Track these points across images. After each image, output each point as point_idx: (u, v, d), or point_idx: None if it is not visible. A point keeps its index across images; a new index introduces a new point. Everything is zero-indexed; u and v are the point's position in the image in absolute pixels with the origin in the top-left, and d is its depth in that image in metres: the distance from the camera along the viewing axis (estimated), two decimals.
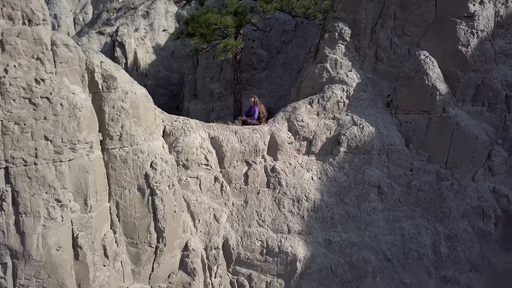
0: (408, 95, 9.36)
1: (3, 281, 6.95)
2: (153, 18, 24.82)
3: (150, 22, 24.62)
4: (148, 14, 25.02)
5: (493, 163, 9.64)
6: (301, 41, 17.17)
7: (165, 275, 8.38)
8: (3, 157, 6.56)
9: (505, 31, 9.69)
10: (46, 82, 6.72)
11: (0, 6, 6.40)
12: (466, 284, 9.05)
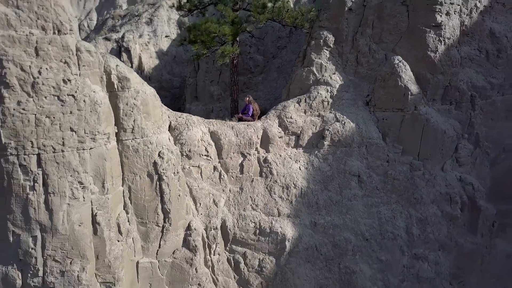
0: (384, 95, 10.56)
1: (33, 252, 8.09)
2: (156, 25, 26.05)
3: (153, 29, 25.85)
4: (151, 21, 26.25)
5: (460, 155, 10.84)
6: (295, 46, 18.39)
7: (170, 251, 9.54)
8: (36, 145, 7.74)
9: (470, 38, 10.91)
10: (72, 82, 7.91)
11: (35, 18, 7.60)
12: (434, 261, 10.22)
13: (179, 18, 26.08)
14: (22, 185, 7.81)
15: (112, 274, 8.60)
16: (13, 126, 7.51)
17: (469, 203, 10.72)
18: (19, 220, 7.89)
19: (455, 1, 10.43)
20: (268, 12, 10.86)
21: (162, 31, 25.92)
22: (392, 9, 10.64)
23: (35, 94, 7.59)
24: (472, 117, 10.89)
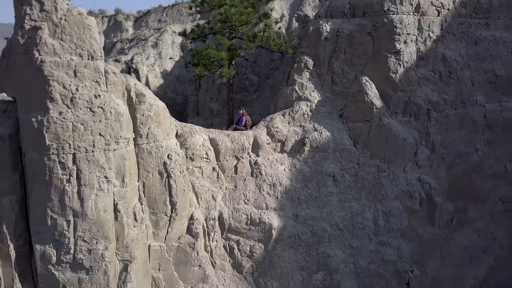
0: (354, 108, 12.55)
1: (66, 233, 9.90)
2: (161, 48, 28.39)
3: (158, 51, 28.16)
4: (157, 45, 28.60)
5: (418, 159, 12.78)
6: (286, 68, 20.51)
7: (176, 237, 11.35)
8: (72, 147, 9.67)
9: (425, 62, 12.98)
10: (101, 97, 9.91)
11: (74, 48, 9.65)
12: (396, 247, 12.05)
13: (182, 41, 28.45)
14: (60, 178, 9.69)
15: (129, 253, 10.42)
16: (55, 131, 9.47)
17: (426, 199, 12.62)
18: (56, 207, 9.75)
19: (411, 31, 12.56)
20: (258, 41, 12.99)
21: (166, 53, 28.27)
22: (360, 38, 12.76)
23: (73, 106, 9.57)
24: (428, 127, 12.89)
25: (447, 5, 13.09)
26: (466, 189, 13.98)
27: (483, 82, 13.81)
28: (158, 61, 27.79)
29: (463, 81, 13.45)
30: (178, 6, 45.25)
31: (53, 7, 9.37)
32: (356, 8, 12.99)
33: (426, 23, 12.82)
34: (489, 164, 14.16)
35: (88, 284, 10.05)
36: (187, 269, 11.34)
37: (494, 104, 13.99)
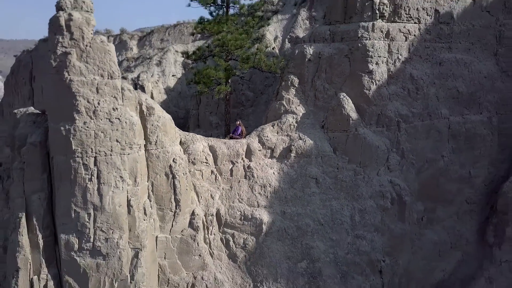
0: (334, 120, 14.39)
1: (87, 224, 11.57)
2: (165, 66, 30.48)
3: (162, 69, 30.24)
4: (160, 63, 30.68)
5: (390, 164, 14.56)
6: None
7: (180, 229, 13.01)
8: (94, 151, 11.45)
9: (395, 80, 14.86)
10: (118, 110, 11.74)
11: (97, 69, 11.53)
12: (370, 239, 13.72)
13: (184, 60, 30.52)
14: (83, 178, 11.43)
15: (140, 242, 12.08)
16: (80, 138, 11.27)
17: (397, 198, 14.35)
18: (79, 202, 11.46)
19: (382, 54, 14.50)
20: (250, 63, 14.92)
21: (169, 71, 30.36)
22: (338, 60, 14.68)
23: (95, 117, 11.40)
24: (398, 136, 14.70)
25: (413, 31, 15.08)
26: (434, 191, 15.73)
27: (447, 97, 15.70)
28: (162, 78, 29.80)
29: (429, 97, 15.34)
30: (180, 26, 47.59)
31: (80, 36, 11.29)
32: (335, 34, 14.97)
33: (395, 47, 14.79)
34: (455, 169, 15.95)
35: (105, 269, 11.71)
36: (189, 258, 13.00)
37: (457, 117, 15.84)
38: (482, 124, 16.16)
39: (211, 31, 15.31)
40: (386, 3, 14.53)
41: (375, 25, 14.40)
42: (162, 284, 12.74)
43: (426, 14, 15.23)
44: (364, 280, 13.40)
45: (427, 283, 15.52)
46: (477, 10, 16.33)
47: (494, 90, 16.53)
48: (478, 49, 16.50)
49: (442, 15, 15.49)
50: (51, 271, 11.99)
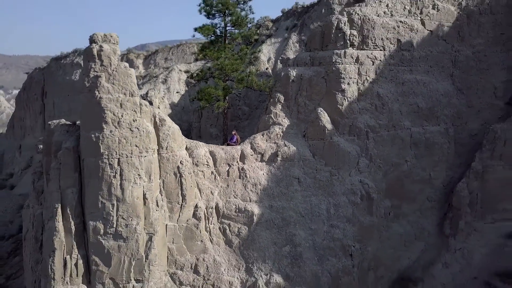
0: (313, 130, 17.11)
1: (111, 213, 14.07)
2: (170, 84, 33.37)
3: (167, 86, 33.13)
4: (166, 81, 33.60)
5: (360, 167, 17.24)
6: None
7: (185, 219, 15.56)
8: (118, 154, 14.08)
9: (364, 97, 17.61)
10: (137, 121, 14.46)
11: (121, 88, 14.28)
12: (343, 228, 16.28)
13: (187, 78, 33.46)
14: (108, 175, 14.04)
15: (153, 228, 14.62)
16: (107, 143, 13.95)
17: (366, 195, 16.96)
18: (105, 195, 14.08)
19: (352, 76, 17.29)
20: (244, 83, 17.77)
21: (174, 88, 33.27)
22: (317, 81, 17.47)
23: (119, 127, 14.11)
24: (367, 144, 17.40)
25: (379, 57, 17.93)
26: (399, 191, 18.35)
27: (409, 111, 18.45)
28: (167, 95, 32.63)
29: (393, 111, 18.08)
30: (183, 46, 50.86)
31: (108, 63, 14.11)
32: (314, 60, 17.81)
33: (364, 70, 17.62)
34: (417, 172, 18.61)
35: (125, 249, 14.24)
36: (193, 243, 15.53)
37: (418, 128, 18.56)
38: (439, 134, 18.89)
39: (211, 57, 18.17)
40: (355, 35, 17.44)
41: (346, 52, 17.26)
42: (171, 264, 15.28)
43: (389, 43, 18.13)
44: (337, 262, 15.93)
45: (394, 268, 18.00)
46: (434, 39, 19.23)
47: (450, 105, 19.31)
48: (436, 71, 19.34)
49: (404, 44, 18.38)
50: (80, 252, 14.49)
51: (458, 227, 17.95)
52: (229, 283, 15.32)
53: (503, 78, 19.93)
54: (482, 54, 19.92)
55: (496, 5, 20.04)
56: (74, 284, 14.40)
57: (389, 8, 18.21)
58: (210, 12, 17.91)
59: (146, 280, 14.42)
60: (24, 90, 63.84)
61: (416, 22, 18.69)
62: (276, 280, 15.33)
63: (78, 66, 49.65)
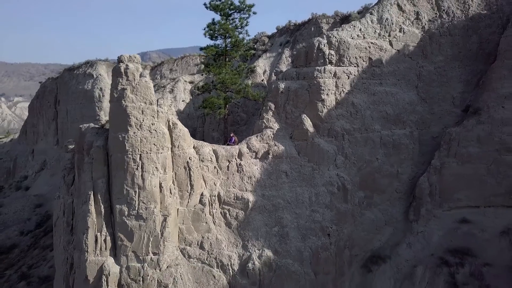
0: (298, 133, 20.22)
1: (134, 198, 17.31)
2: (176, 93, 36.63)
3: (174, 95, 36.38)
4: (173, 91, 36.87)
5: (337, 163, 20.45)
6: None
7: (193, 205, 18.69)
8: (139, 150, 17.29)
9: (341, 105, 20.84)
10: (155, 124, 17.68)
11: (142, 98, 17.57)
12: (322, 213, 19.45)
13: (191, 88, 36.79)
14: (132, 168, 17.19)
15: (167, 211, 17.73)
16: (131, 142, 17.16)
17: (342, 186, 20.17)
18: (129, 183, 17.26)
19: (331, 88, 20.56)
20: (241, 94, 21.07)
21: (180, 97, 36.54)
22: (301, 92, 20.69)
23: (141, 129, 17.35)
24: (343, 144, 20.63)
25: (353, 72, 21.24)
26: (371, 183, 21.53)
27: (379, 117, 21.69)
28: (174, 103, 35.87)
29: (366, 117, 21.33)
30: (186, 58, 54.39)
31: (132, 78, 17.39)
32: (299, 75, 21.12)
33: (340, 83, 20.94)
34: (386, 168, 21.80)
35: (144, 228, 17.38)
36: (199, 224, 18.68)
37: (387, 131, 21.79)
38: (405, 136, 22.13)
39: (214, 72, 21.51)
40: (333, 54, 20.79)
41: (326, 69, 20.59)
42: (181, 241, 18.43)
43: (362, 60, 21.46)
44: (317, 240, 19.09)
45: (367, 248, 21.08)
46: (401, 57, 22.56)
47: (415, 112, 22.57)
48: (402, 83, 22.63)
49: (374, 61, 21.70)
50: (108, 230, 17.57)
51: (420, 214, 21.09)
52: (228, 256, 18.47)
53: (460, 89, 23.20)
54: (443, 69, 23.21)
55: (454, 28, 23.39)
56: (103, 256, 17.49)
57: (361, 32, 21.59)
58: (213, 35, 21.30)
59: (161, 253, 17.52)
60: (37, 98, 67.24)
61: (385, 43, 22.05)
62: (267, 254, 18.49)
63: (90, 76, 53.08)
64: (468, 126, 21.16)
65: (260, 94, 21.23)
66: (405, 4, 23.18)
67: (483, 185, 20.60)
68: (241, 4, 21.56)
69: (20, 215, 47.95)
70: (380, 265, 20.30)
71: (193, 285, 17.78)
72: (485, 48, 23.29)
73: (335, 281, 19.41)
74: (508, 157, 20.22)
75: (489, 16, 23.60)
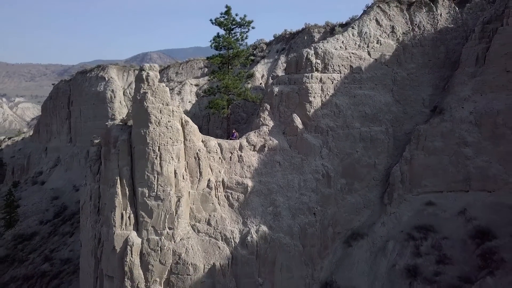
0: (289, 129, 23.64)
1: (153, 181, 20.79)
2: (183, 95, 40.03)
3: (181, 97, 39.77)
4: (180, 92, 40.27)
5: (322, 155, 23.95)
6: None
7: (202, 188, 22.03)
8: (158, 142, 20.74)
9: (326, 106, 24.13)
10: (171, 122, 21.02)
11: (160, 100, 21.00)
12: (309, 196, 22.87)
13: (197, 90, 40.21)
14: (152, 157, 20.45)
15: (181, 193, 21.12)
16: (151, 136, 20.51)
17: (326, 174, 23.60)
18: (149, 170, 20.59)
19: (317, 92, 24.00)
20: (242, 96, 24.53)
21: (187, 98, 39.94)
22: (292, 95, 24.13)
23: (159, 125, 20.75)
24: (327, 139, 24.05)
25: (336, 78, 24.67)
26: (352, 172, 24.96)
27: (359, 116, 25.11)
28: (181, 104, 39.20)
29: (347, 116, 24.76)
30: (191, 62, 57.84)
31: (152, 83, 20.81)
32: (291, 80, 24.55)
33: (325, 87, 24.37)
34: (365, 160, 25.22)
35: (162, 207, 20.76)
36: (206, 204, 22.08)
37: (366, 128, 25.22)
38: (381, 132, 25.56)
39: (219, 78, 24.99)
40: (319, 63, 24.24)
41: (313, 75, 24.05)
42: (192, 218, 21.85)
43: (344, 68, 24.91)
44: (305, 218, 22.52)
45: (348, 227, 24.50)
46: (378, 64, 26.00)
47: (390, 112, 25.99)
48: (379, 87, 26.07)
49: (355, 69, 25.15)
50: (132, 209, 20.91)
51: (393, 198, 24.51)
52: (231, 231, 21.90)
53: (429, 92, 26.62)
54: (414, 75, 26.64)
55: (424, 39, 26.83)
56: (128, 230, 20.87)
57: (344, 44, 25.05)
58: (218, 47, 24.78)
59: (176, 228, 20.91)
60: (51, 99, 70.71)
61: (364, 53, 25.50)
62: (263, 229, 21.94)
63: (102, 79, 56.55)
64: (434, 123, 24.60)
65: (258, 97, 24.69)
66: (382, 19, 26.63)
67: (446, 173, 24.02)
68: (242, 20, 25.04)
69: (38, 206, 51.38)
70: (358, 241, 23.72)
71: (202, 255, 21.22)
72: (451, 57, 26.71)
73: (320, 253, 22.86)
74: (466, 149, 23.66)
75: (455, 29, 27.04)
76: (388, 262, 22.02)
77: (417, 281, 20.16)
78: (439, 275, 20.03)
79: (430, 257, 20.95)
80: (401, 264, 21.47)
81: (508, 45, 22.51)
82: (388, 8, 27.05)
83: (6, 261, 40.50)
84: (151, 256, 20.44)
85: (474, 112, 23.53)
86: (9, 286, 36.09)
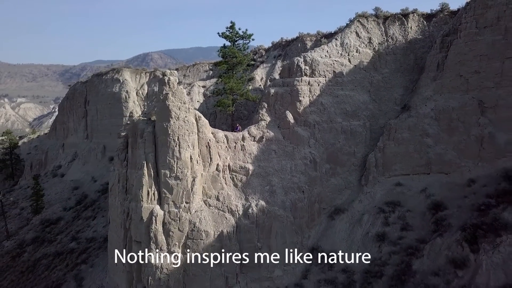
0: (283, 123, 28.13)
1: (173, 165, 25.44)
2: (192, 95, 44.67)
3: (191, 97, 44.39)
4: (189, 93, 44.89)
5: (310, 144, 28.34)
6: None
7: (212, 171, 26.53)
8: (177, 134, 25.36)
9: (313, 105, 28.67)
10: (187, 117, 25.65)
11: (179, 99, 25.59)
12: (298, 178, 27.49)
13: (204, 91, 44.83)
14: (172, 145, 24.94)
15: (195, 174, 25.65)
16: (172, 128, 25.19)
17: (313, 160, 28.22)
18: (170, 155, 25.01)
19: (306, 93, 28.58)
20: (244, 96, 29.13)
21: (195, 98, 44.56)
22: (286, 95, 28.68)
23: (178, 120, 25.32)
24: (314, 131, 28.58)
25: (322, 81, 29.20)
26: (335, 159, 29.52)
27: (341, 113, 29.66)
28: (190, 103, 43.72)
29: (331, 112, 29.31)
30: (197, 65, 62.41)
31: (173, 86, 25.38)
32: (284, 83, 29.07)
33: (313, 88, 28.95)
34: (346, 149, 29.75)
35: (180, 185, 25.32)
36: (216, 184, 26.65)
37: (346, 122, 29.74)
38: (360, 126, 30.06)
39: (224, 81, 29.62)
40: (308, 69, 28.81)
41: (302, 79, 28.63)
42: (204, 195, 26.44)
43: (328, 73, 29.46)
44: (295, 195, 27.10)
45: (332, 204, 28.97)
46: (357, 69, 30.53)
47: (367, 109, 30.51)
48: (359, 89, 30.60)
49: (337, 73, 29.68)
50: (155, 187, 25.46)
51: (368, 180, 29.07)
52: (235, 205, 26.51)
53: (400, 93, 31.14)
54: (388, 79, 31.19)
55: (397, 48, 31.38)
56: (152, 204, 25.40)
57: (328, 53, 29.62)
58: (224, 56, 29.43)
59: (191, 203, 25.48)
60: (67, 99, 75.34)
61: (345, 60, 30.08)
62: (261, 204, 26.55)
63: (117, 81, 61.10)
64: (402, 119, 29.18)
65: (257, 97, 29.28)
66: (361, 32, 31.21)
67: (411, 159, 28.58)
68: (244, 34, 29.68)
69: (60, 195, 55.95)
70: (340, 215, 28.30)
71: (212, 224, 25.86)
72: (419, 63, 31.27)
73: (308, 223, 27.49)
74: (427, 139, 28.23)
75: (423, 39, 31.60)
76: (363, 230, 26.62)
77: (384, 244, 24.75)
78: (402, 238, 24.60)
79: (396, 225, 25.52)
80: (373, 231, 26.06)
81: (460, 54, 27.07)
82: (367, 22, 31.61)
83: (36, 242, 45.10)
84: (171, 225, 24.99)
85: (435, 109, 28.07)
86: (41, 262, 40.72)
